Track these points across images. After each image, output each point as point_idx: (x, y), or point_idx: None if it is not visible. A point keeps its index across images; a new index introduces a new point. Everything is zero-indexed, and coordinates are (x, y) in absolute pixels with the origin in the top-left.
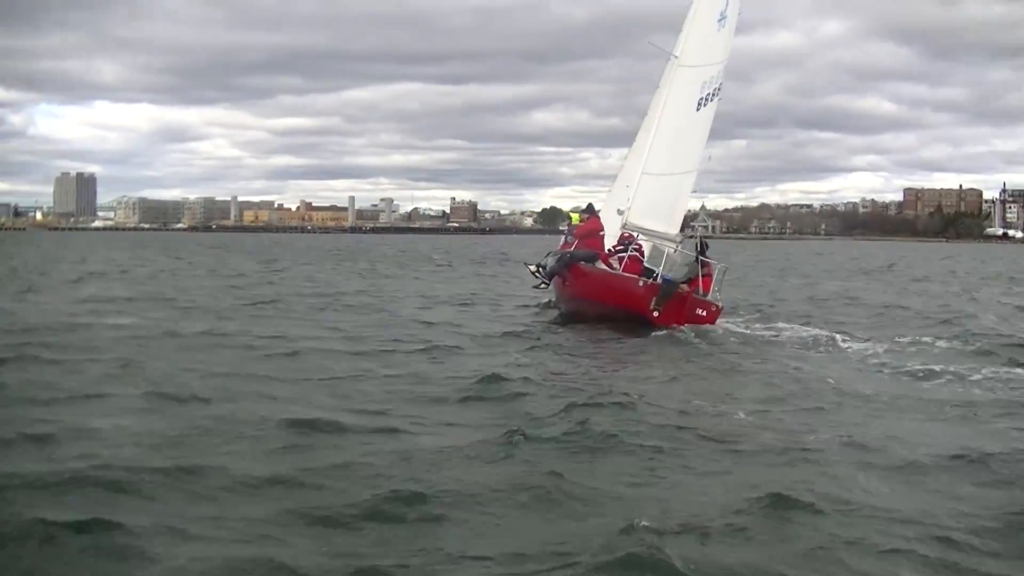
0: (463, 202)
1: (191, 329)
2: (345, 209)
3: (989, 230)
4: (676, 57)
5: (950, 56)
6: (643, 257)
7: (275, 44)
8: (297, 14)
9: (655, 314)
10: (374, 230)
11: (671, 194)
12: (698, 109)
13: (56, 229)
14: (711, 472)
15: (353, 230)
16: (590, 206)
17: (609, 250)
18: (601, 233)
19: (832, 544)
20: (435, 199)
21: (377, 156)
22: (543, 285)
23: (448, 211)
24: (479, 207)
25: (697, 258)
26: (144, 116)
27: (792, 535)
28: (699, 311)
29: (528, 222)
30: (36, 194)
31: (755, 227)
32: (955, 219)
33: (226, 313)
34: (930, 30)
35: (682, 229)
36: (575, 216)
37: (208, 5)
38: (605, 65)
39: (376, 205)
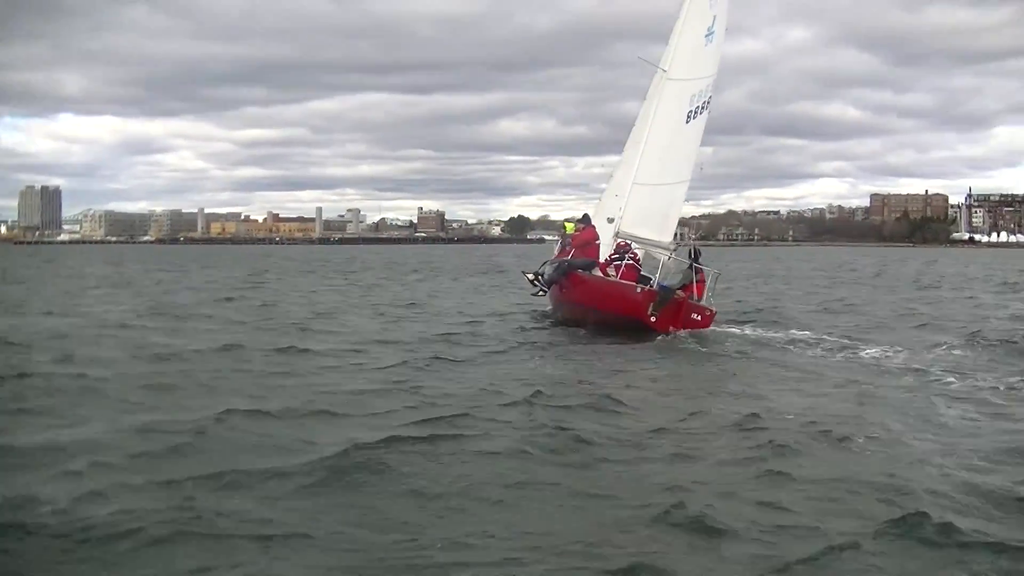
0: (430, 212)
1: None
2: (312, 220)
3: (955, 235)
4: (664, 71)
5: (915, 63)
6: (639, 265)
7: (240, 55)
8: (262, 25)
9: (652, 319)
10: (342, 241)
11: (663, 203)
12: (687, 121)
13: (22, 243)
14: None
15: (322, 241)
16: (586, 216)
17: (607, 259)
18: (597, 242)
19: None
20: (402, 209)
21: (343, 167)
22: (541, 292)
23: (415, 221)
24: (446, 216)
25: (691, 265)
26: (108, 128)
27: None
28: (694, 316)
29: (496, 231)
30: None
31: (723, 234)
32: (922, 224)
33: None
34: (895, 37)
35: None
36: (569, 226)
37: (172, 16)
38: (570, 73)
39: (343, 216)
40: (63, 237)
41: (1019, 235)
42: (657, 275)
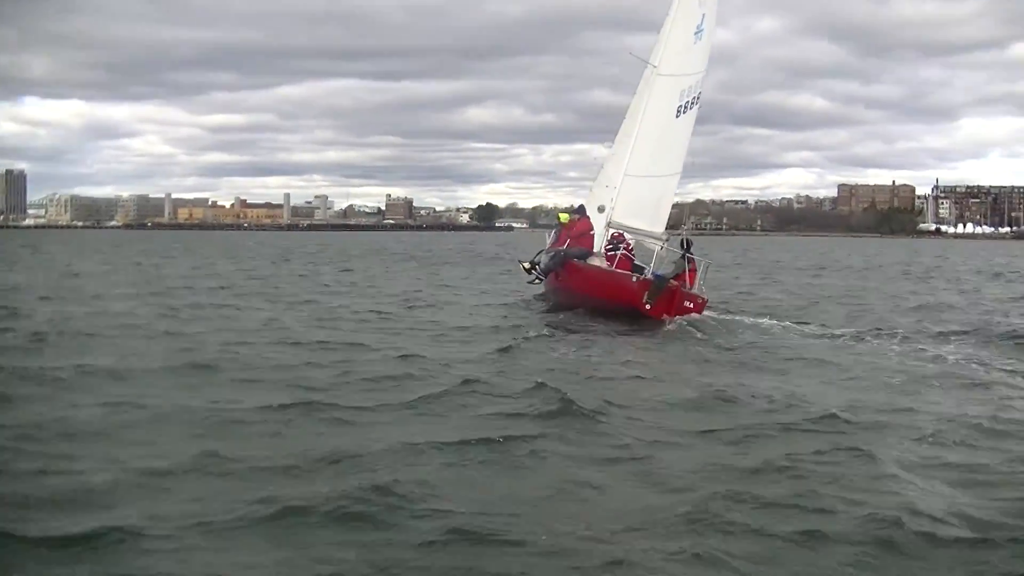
0: (398, 199)
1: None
2: (280, 206)
3: (922, 226)
4: (655, 67)
5: (882, 54)
6: (632, 255)
7: (208, 40)
8: (231, 10)
9: (647, 307)
10: (311, 227)
11: (655, 195)
12: (678, 116)
13: None
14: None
15: (290, 227)
16: (581, 207)
17: (603, 249)
18: (591, 232)
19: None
20: (369, 196)
21: (311, 153)
22: (537, 280)
23: (383, 208)
24: (414, 204)
25: (684, 255)
26: (74, 112)
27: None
28: (687, 303)
29: (464, 219)
30: None
31: (692, 223)
32: (889, 215)
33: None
34: (862, 28)
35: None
36: (564, 216)
37: (140, 0)
38: (540, 62)
39: (311, 202)
40: (28, 222)
41: (985, 227)
42: (651, 265)
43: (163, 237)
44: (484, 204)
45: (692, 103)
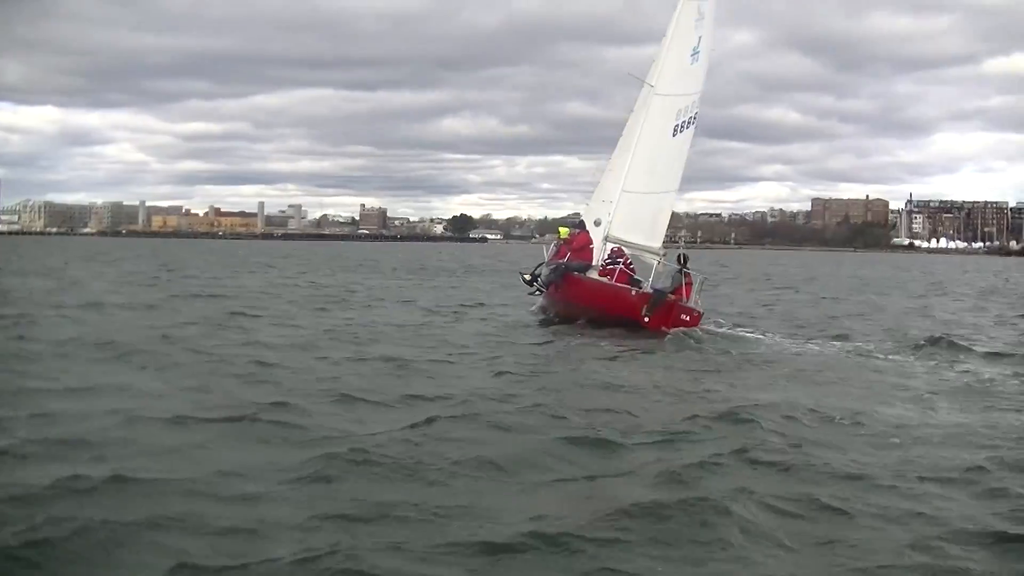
0: (372, 209)
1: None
2: (254, 215)
3: (896, 240)
4: (652, 86)
5: (856, 68)
6: (631, 270)
7: (183, 47)
8: (206, 17)
9: (646, 319)
10: (285, 236)
11: (651, 211)
12: (674, 135)
13: None
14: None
15: (264, 236)
16: (580, 222)
17: (602, 263)
18: (591, 246)
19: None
20: (343, 205)
21: (285, 162)
22: (537, 292)
23: (357, 218)
24: (388, 214)
25: (681, 269)
26: (48, 119)
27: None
28: (683, 316)
29: (438, 229)
30: None
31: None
32: (863, 229)
33: None
34: (836, 42)
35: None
36: (564, 231)
37: (116, 6)
38: (514, 73)
39: (284, 211)
40: (1, 228)
41: (958, 241)
42: (650, 279)
43: (145, 245)
44: (458, 215)
45: (689, 123)
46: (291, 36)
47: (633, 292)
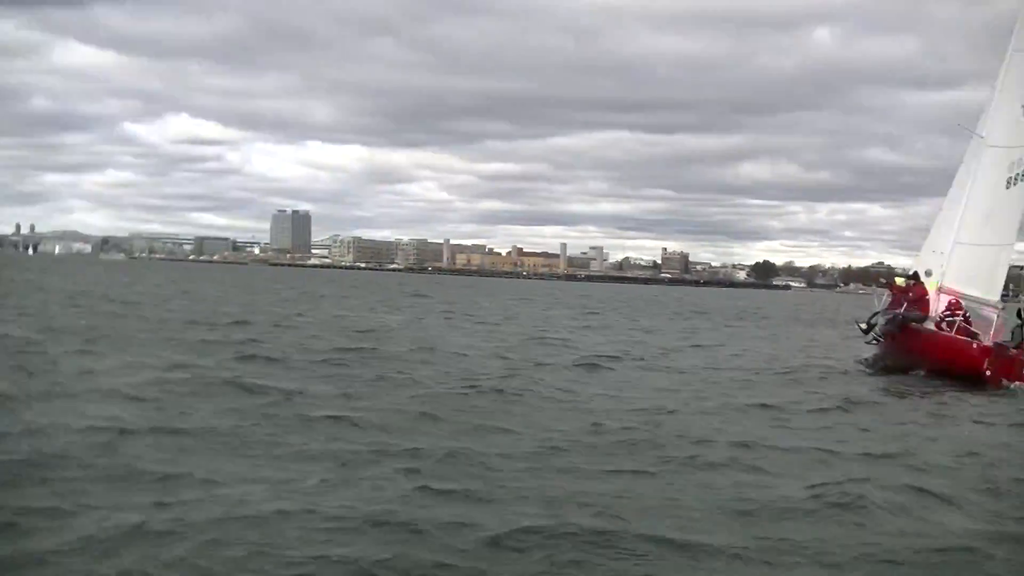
0: (674, 252)
1: None
2: (556, 256)
3: None
4: (982, 137)
5: None
6: (970, 324)
7: (483, 89)
8: (504, 61)
9: (988, 374)
10: (589, 278)
11: (988, 263)
12: (1008, 187)
13: (276, 265)
14: None
15: (568, 277)
16: (915, 273)
17: (940, 315)
18: (928, 298)
19: None
20: (643, 249)
21: (584, 204)
22: (874, 341)
23: (659, 261)
24: (690, 258)
25: (1021, 324)
26: (354, 157)
27: None
28: None
29: (741, 275)
30: (252, 229)
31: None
32: None
33: None
34: None
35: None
36: (900, 280)
37: (416, 50)
38: (813, 118)
39: (586, 253)
40: (313, 261)
41: None
42: (991, 333)
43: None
44: (761, 261)
45: (1022, 175)
46: (587, 79)
47: (975, 345)
